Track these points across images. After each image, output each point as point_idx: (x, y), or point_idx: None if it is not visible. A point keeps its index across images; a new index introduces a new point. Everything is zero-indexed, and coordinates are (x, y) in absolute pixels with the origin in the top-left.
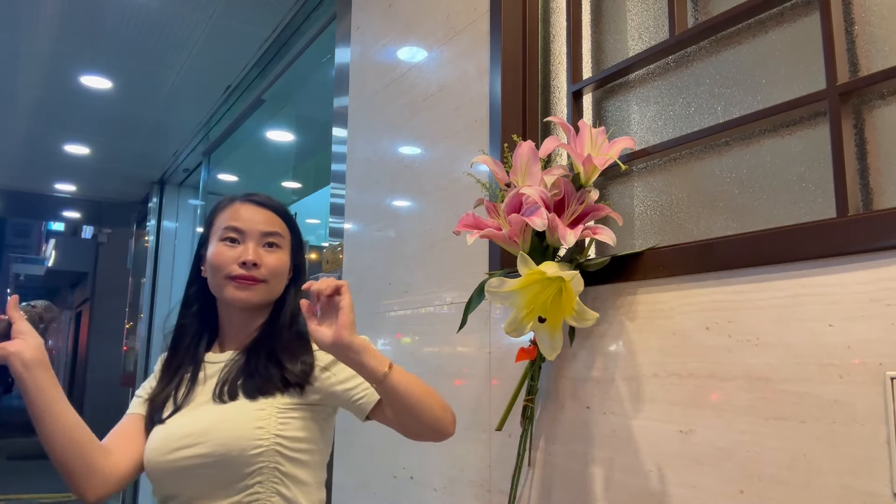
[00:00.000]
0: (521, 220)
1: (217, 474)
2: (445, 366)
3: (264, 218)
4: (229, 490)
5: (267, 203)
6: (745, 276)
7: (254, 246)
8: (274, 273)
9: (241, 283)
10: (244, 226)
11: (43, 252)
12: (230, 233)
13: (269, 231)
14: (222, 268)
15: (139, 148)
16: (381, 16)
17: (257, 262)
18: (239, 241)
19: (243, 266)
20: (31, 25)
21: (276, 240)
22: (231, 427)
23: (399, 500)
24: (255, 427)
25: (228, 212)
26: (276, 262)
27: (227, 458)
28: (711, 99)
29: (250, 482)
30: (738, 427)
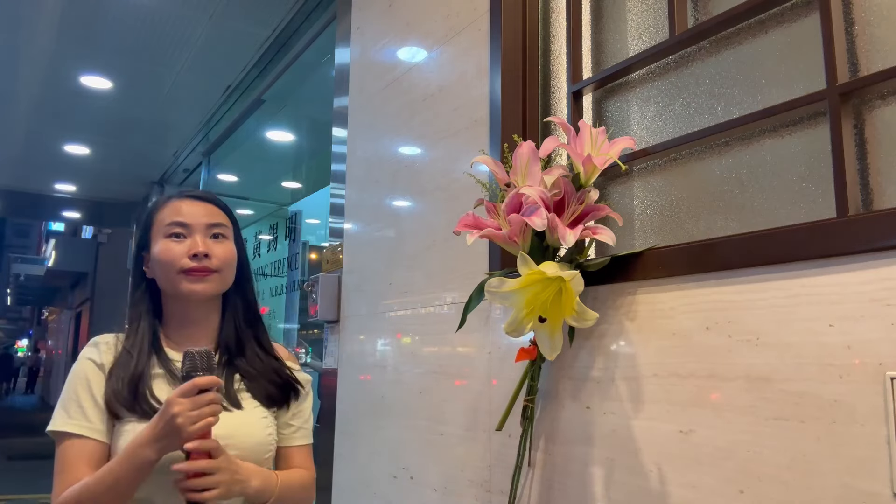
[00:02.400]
0: (521, 220)
1: None
2: (445, 366)
3: (207, 210)
4: None
5: (206, 197)
6: (745, 276)
7: (201, 238)
8: (225, 262)
9: (195, 276)
10: (189, 219)
11: (43, 252)
12: (175, 228)
13: (215, 222)
14: (173, 263)
15: (139, 148)
16: (381, 16)
17: (208, 253)
18: (185, 235)
19: (194, 258)
20: (31, 25)
21: (222, 230)
22: (252, 432)
23: (399, 500)
24: (267, 434)
25: (168, 209)
26: (225, 252)
27: (248, 458)
28: (711, 99)
29: None
30: (738, 427)
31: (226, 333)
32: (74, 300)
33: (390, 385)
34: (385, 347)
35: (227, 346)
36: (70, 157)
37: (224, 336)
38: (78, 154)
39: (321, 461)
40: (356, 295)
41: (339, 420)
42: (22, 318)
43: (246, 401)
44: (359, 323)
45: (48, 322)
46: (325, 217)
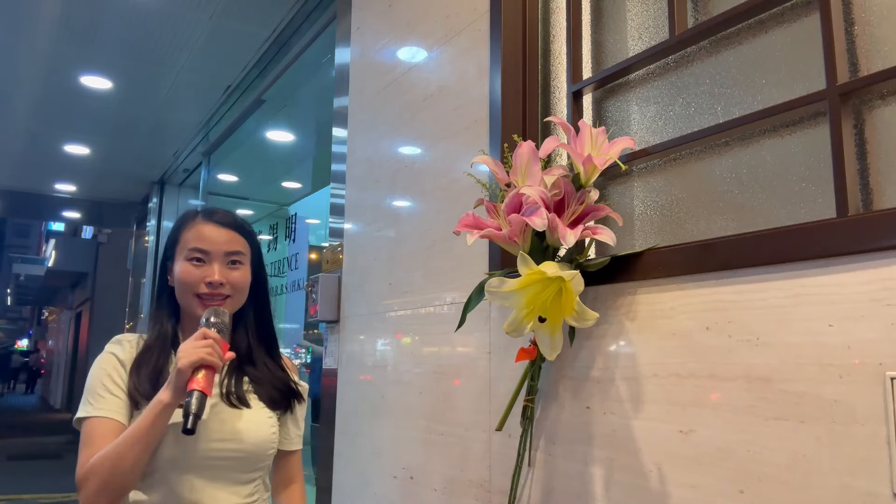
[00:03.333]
0: (521, 220)
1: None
2: (445, 366)
3: (227, 238)
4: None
5: (229, 223)
6: (745, 276)
7: (219, 266)
8: (237, 288)
9: (207, 303)
10: (209, 247)
11: (43, 252)
12: (196, 253)
13: (233, 251)
14: (190, 287)
15: (139, 148)
16: (381, 16)
17: (223, 282)
18: (204, 261)
19: (209, 286)
20: (31, 25)
21: (239, 258)
22: (259, 430)
23: (399, 500)
24: (272, 433)
25: (193, 232)
26: (239, 279)
27: (253, 456)
28: (711, 99)
29: (257, 476)
30: (738, 427)
31: (238, 344)
32: (74, 300)
33: (390, 385)
34: (385, 347)
35: (239, 355)
36: (70, 157)
37: (236, 347)
38: (78, 154)
39: (321, 461)
40: (356, 295)
41: (339, 420)
42: (22, 318)
43: (253, 401)
44: (359, 323)
45: (48, 322)
46: (325, 217)
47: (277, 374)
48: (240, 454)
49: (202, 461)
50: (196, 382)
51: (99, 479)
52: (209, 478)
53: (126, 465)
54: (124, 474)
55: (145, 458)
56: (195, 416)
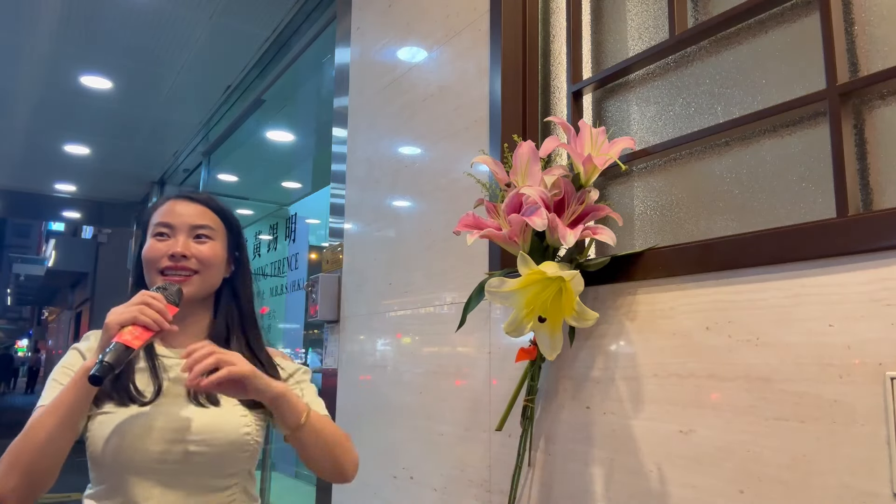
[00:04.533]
0: (521, 220)
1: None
2: (445, 366)
3: (195, 211)
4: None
5: (199, 198)
6: (745, 276)
7: (183, 238)
8: (205, 263)
9: (170, 279)
10: (174, 220)
11: (43, 252)
12: (161, 228)
13: (199, 224)
14: (153, 262)
15: (139, 148)
16: (381, 16)
17: (186, 254)
18: (169, 236)
19: (172, 258)
20: (32, 25)
21: (207, 232)
22: (225, 430)
23: (399, 500)
24: (243, 433)
25: (162, 209)
26: (206, 252)
27: (223, 456)
28: (711, 99)
29: (231, 483)
30: (738, 427)
31: (216, 334)
32: (74, 300)
33: (390, 385)
34: (385, 347)
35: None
36: (70, 157)
37: (214, 336)
38: (78, 154)
39: None
40: (356, 295)
41: (339, 420)
42: (22, 318)
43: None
44: (359, 323)
45: (48, 322)
46: (325, 217)
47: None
48: (202, 456)
49: (157, 464)
50: (119, 336)
51: (9, 457)
52: (168, 484)
53: (37, 439)
54: (33, 451)
55: (61, 432)
56: (107, 365)
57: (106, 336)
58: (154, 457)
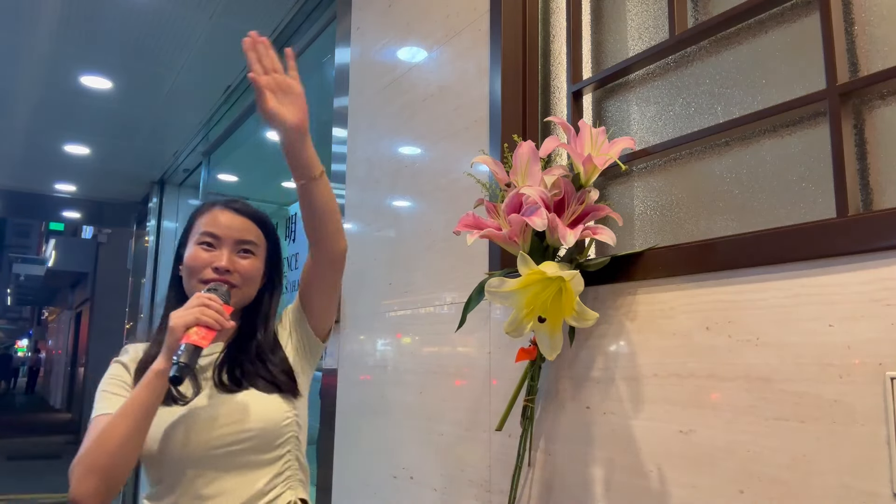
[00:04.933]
0: (521, 220)
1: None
2: (445, 366)
3: (241, 226)
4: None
5: (245, 211)
6: (745, 276)
7: (228, 252)
8: (245, 279)
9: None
10: (221, 232)
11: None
12: (207, 237)
13: (245, 239)
14: (196, 271)
15: (139, 148)
16: (381, 16)
17: (230, 269)
18: (214, 247)
19: (216, 271)
20: (32, 25)
21: (251, 247)
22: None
23: (399, 500)
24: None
25: (208, 217)
26: (248, 268)
27: (266, 432)
28: (711, 99)
29: (282, 453)
30: (738, 427)
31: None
32: (74, 300)
33: (390, 385)
34: (385, 347)
35: (239, 347)
36: (70, 157)
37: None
38: (78, 154)
39: (321, 461)
40: (356, 295)
41: (339, 420)
42: (22, 318)
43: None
44: (359, 323)
45: (48, 322)
46: None
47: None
48: (250, 434)
49: (212, 452)
50: (187, 337)
51: (82, 464)
52: (225, 468)
53: (113, 442)
54: (110, 454)
55: (135, 435)
56: (184, 365)
57: (172, 338)
58: (209, 447)
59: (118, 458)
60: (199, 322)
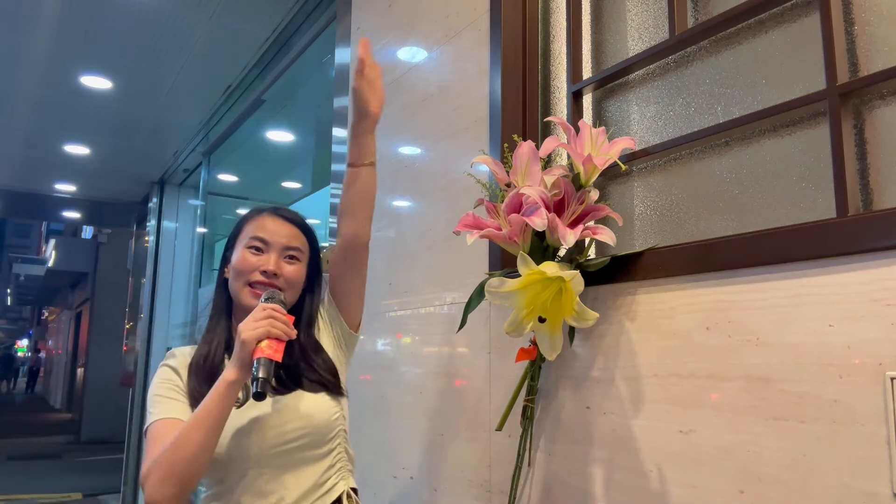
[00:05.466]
0: (521, 220)
1: (310, 442)
2: (445, 366)
3: (289, 232)
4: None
5: (293, 219)
6: (745, 276)
7: (276, 257)
8: (290, 283)
9: (258, 293)
10: (269, 237)
11: (43, 252)
12: (256, 242)
13: (292, 245)
14: (244, 273)
15: (139, 148)
16: (381, 16)
17: (277, 273)
18: (263, 251)
19: (263, 274)
20: (32, 25)
21: (297, 254)
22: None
23: (399, 500)
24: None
25: (257, 222)
26: (293, 274)
27: (319, 429)
28: (711, 99)
29: (334, 446)
30: (738, 427)
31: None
32: (74, 300)
33: (390, 385)
34: (385, 347)
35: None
36: (70, 157)
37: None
38: (78, 154)
39: None
40: None
41: None
42: (22, 318)
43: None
44: None
45: (48, 322)
46: (325, 217)
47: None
48: (306, 431)
49: (271, 451)
50: (261, 351)
51: (161, 469)
52: (283, 467)
53: (189, 450)
54: (187, 461)
55: (210, 443)
56: (263, 380)
57: (245, 352)
58: (268, 447)
59: (195, 464)
60: (269, 335)
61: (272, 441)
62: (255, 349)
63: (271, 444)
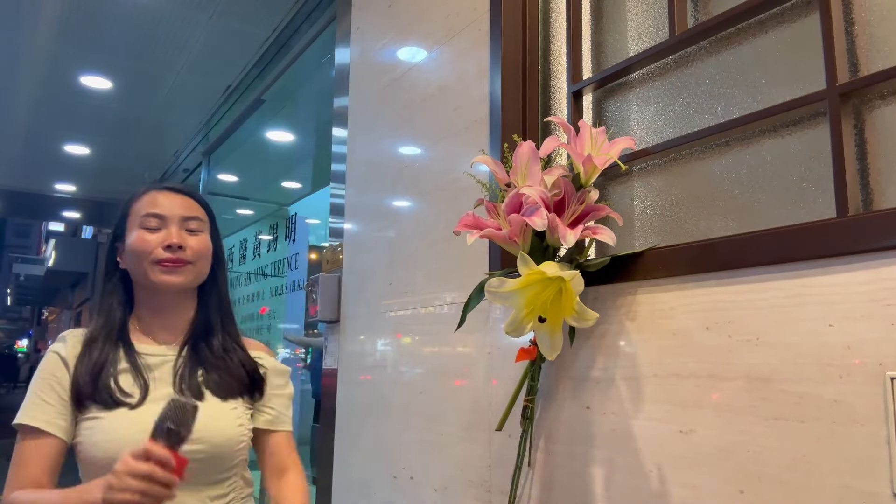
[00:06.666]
0: (521, 220)
1: (203, 469)
2: (445, 366)
3: (183, 203)
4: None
5: (183, 190)
6: (745, 276)
7: (177, 230)
8: (199, 254)
9: (167, 267)
10: (165, 211)
11: (43, 252)
12: (150, 219)
13: (191, 216)
14: (147, 253)
15: (139, 148)
16: (381, 16)
17: (182, 245)
18: (160, 227)
19: (168, 249)
20: (32, 25)
21: (197, 224)
22: (222, 428)
23: (399, 500)
24: (238, 425)
25: (145, 200)
26: (200, 244)
27: (219, 455)
28: (711, 99)
29: (230, 475)
30: (738, 427)
31: (198, 324)
32: (74, 300)
33: (390, 385)
34: (385, 347)
35: (196, 337)
36: (70, 157)
37: (196, 326)
38: (78, 154)
39: (321, 461)
40: (356, 295)
41: (339, 420)
42: (22, 318)
43: (208, 395)
44: (359, 323)
45: (48, 322)
46: (325, 217)
47: (235, 358)
48: (203, 455)
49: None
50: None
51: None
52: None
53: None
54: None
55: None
56: None
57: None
58: None
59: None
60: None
61: None
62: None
63: None
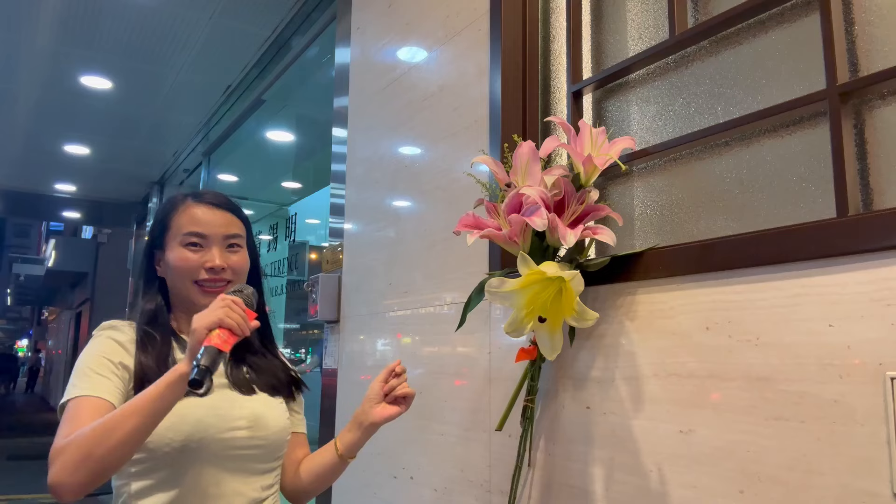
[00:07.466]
0: (521, 220)
1: (260, 456)
2: (445, 366)
3: (224, 220)
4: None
5: (223, 204)
6: (745, 276)
7: (218, 250)
8: (238, 272)
9: (209, 289)
10: (206, 230)
11: (43, 252)
12: (192, 238)
13: (231, 233)
14: (189, 273)
15: (139, 148)
16: (381, 16)
17: (224, 266)
18: (202, 246)
19: (210, 271)
20: (32, 25)
21: (238, 241)
22: (276, 417)
23: (399, 500)
24: (287, 419)
25: (186, 217)
26: (239, 262)
27: (274, 444)
28: (711, 99)
29: (277, 465)
30: (738, 427)
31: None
32: (74, 300)
33: None
34: (385, 347)
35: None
36: (70, 157)
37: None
38: (78, 154)
39: None
40: (356, 295)
41: (339, 420)
42: (22, 318)
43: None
44: (359, 323)
45: (48, 322)
46: (325, 217)
47: (275, 361)
48: (262, 442)
49: (225, 451)
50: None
51: (79, 450)
52: (231, 469)
53: (118, 436)
54: (112, 448)
55: (143, 434)
56: (205, 369)
57: (194, 340)
58: (222, 444)
59: (118, 453)
60: (221, 324)
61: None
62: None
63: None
